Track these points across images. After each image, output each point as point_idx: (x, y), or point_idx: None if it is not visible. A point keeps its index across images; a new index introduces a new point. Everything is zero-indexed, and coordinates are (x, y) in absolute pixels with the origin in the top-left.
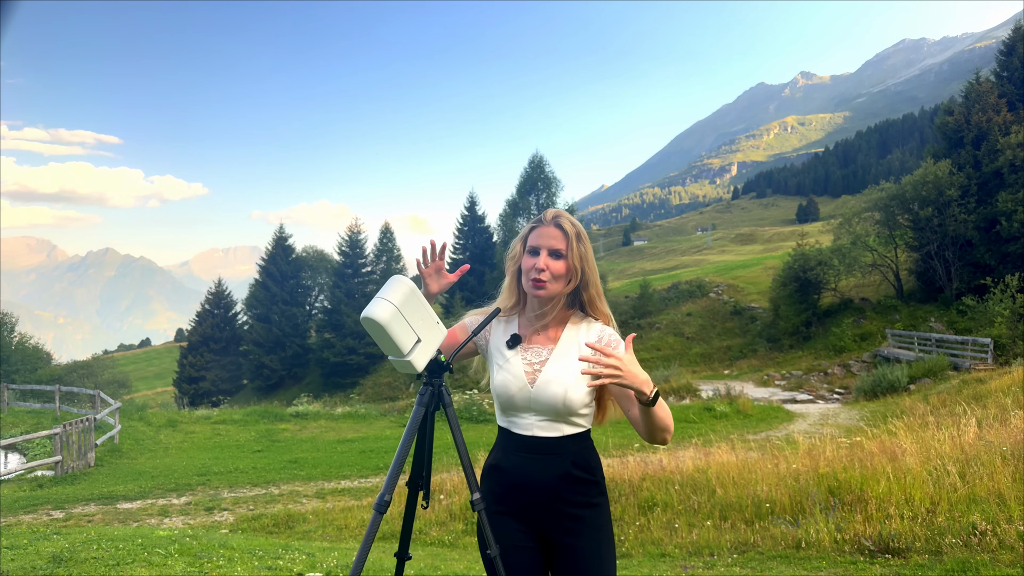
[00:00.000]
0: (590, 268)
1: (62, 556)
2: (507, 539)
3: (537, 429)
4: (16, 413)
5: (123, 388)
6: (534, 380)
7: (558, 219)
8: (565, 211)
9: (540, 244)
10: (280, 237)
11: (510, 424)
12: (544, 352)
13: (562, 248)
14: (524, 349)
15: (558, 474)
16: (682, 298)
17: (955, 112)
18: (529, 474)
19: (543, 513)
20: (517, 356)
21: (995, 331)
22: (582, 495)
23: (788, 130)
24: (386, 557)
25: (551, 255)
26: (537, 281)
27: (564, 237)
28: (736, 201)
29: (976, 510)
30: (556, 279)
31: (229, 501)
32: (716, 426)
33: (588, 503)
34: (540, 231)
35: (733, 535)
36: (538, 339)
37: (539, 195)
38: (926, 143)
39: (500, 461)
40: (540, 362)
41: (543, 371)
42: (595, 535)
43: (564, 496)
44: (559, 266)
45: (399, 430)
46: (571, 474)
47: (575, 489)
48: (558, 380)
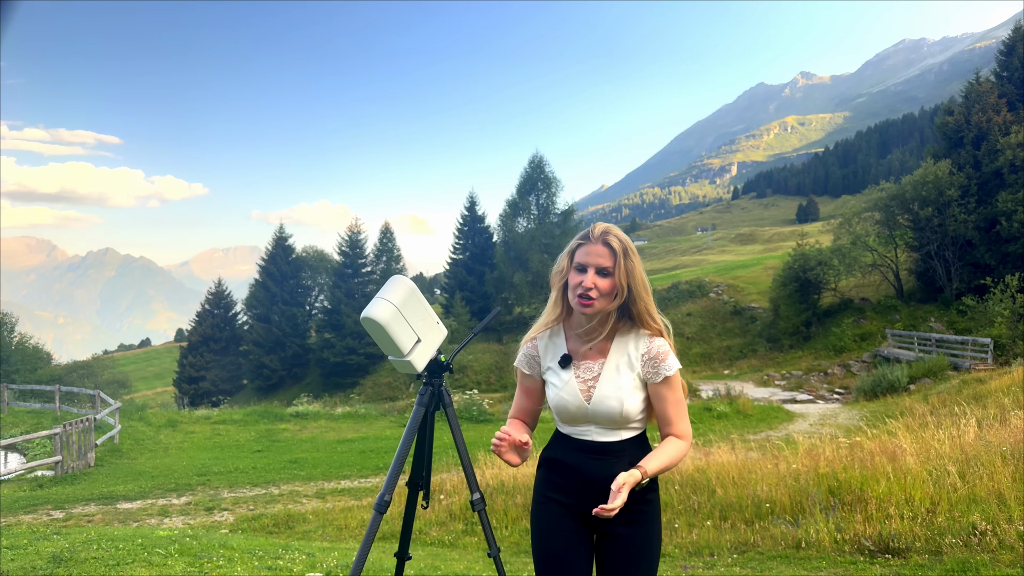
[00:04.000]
0: (637, 283)
1: (62, 556)
2: (558, 525)
3: (596, 435)
4: (16, 413)
5: (123, 388)
6: (589, 396)
7: (606, 236)
8: (614, 226)
9: (587, 262)
10: (280, 237)
11: (571, 432)
12: (596, 367)
13: (609, 266)
14: (576, 367)
15: (615, 472)
16: (682, 298)
17: (955, 112)
18: (588, 470)
19: (596, 503)
20: (571, 375)
21: (995, 331)
22: (635, 492)
23: (788, 130)
24: (386, 557)
25: (598, 273)
26: (584, 299)
27: (612, 255)
28: (736, 201)
29: (976, 510)
30: (603, 296)
31: (229, 501)
32: (716, 426)
33: (642, 498)
34: (588, 248)
35: (733, 535)
36: (589, 354)
37: (539, 195)
38: (926, 143)
39: (559, 455)
40: (593, 378)
41: (597, 387)
42: (645, 529)
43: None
44: (606, 284)
45: (399, 430)
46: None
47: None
48: (614, 395)
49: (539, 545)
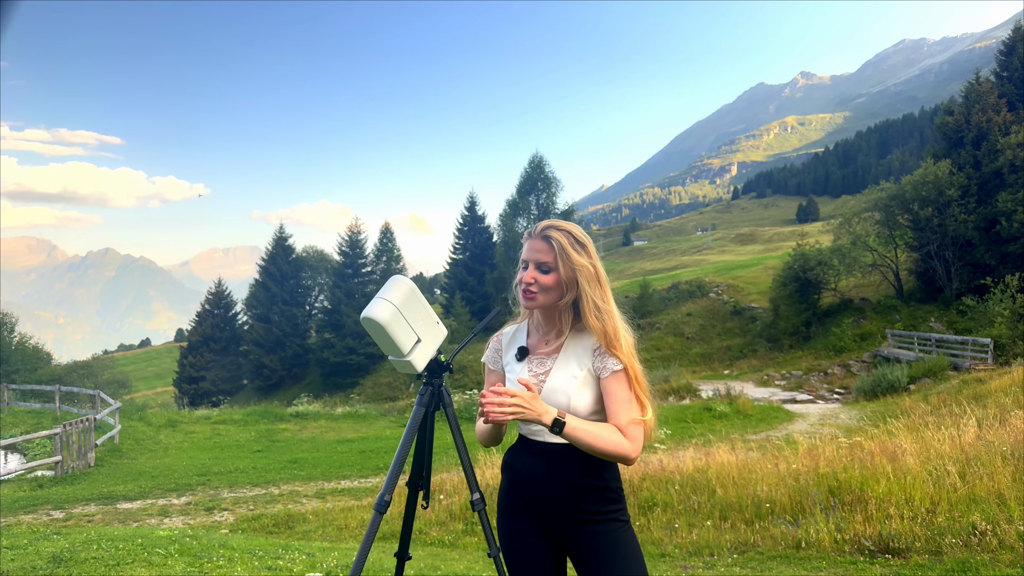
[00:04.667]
0: (582, 278)
1: (62, 556)
2: (516, 534)
3: (548, 435)
4: (16, 413)
5: (123, 388)
6: (539, 390)
7: (546, 231)
8: (561, 220)
9: (527, 258)
10: (280, 237)
11: (527, 432)
12: (548, 362)
13: (548, 261)
14: (530, 361)
15: (567, 481)
16: (682, 298)
17: (955, 112)
18: (539, 476)
19: (559, 522)
20: (524, 368)
21: (995, 331)
22: (597, 507)
23: (788, 130)
24: (386, 557)
25: (538, 268)
26: (527, 293)
27: (551, 250)
28: (736, 201)
29: (976, 510)
30: (546, 291)
31: (229, 501)
32: (716, 426)
33: (607, 518)
34: (529, 244)
35: (733, 535)
36: (543, 349)
37: (539, 195)
38: (926, 143)
39: (512, 459)
40: (544, 372)
41: (547, 381)
42: (616, 556)
43: (579, 506)
44: (548, 279)
45: (399, 430)
46: (581, 482)
47: (586, 497)
48: (562, 389)
49: (505, 552)
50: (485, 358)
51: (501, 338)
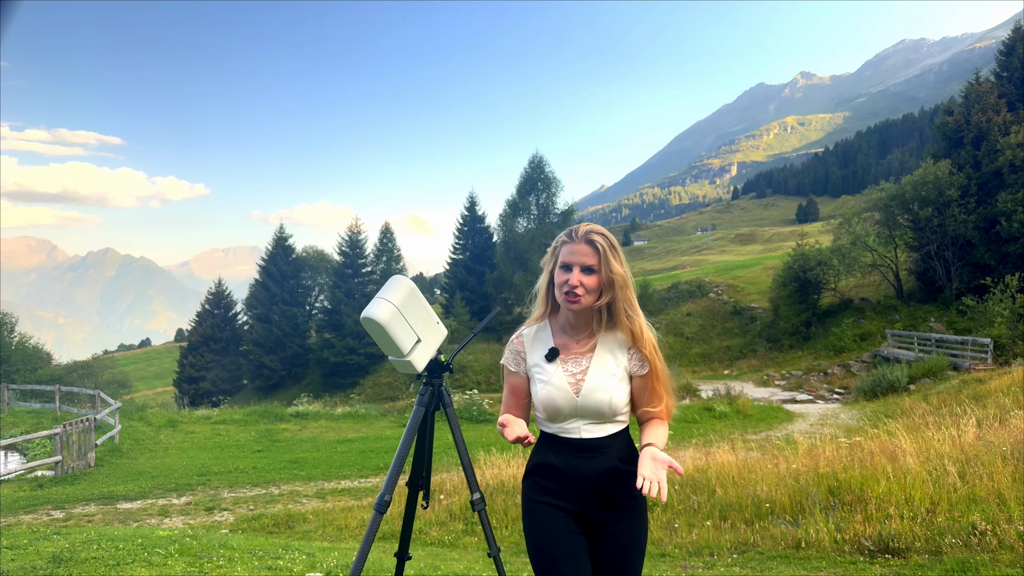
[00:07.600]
0: (618, 280)
1: (62, 556)
2: (554, 527)
3: (584, 432)
4: (16, 413)
5: (123, 388)
6: (579, 390)
7: (589, 235)
8: (595, 225)
9: (572, 261)
10: (280, 237)
11: (558, 431)
12: (584, 361)
13: (594, 264)
14: (563, 361)
15: (604, 468)
16: (682, 298)
17: (955, 112)
18: (579, 470)
19: (589, 502)
20: (558, 368)
21: (995, 331)
22: (626, 487)
23: (788, 130)
24: (386, 557)
25: (583, 271)
26: (571, 296)
27: (596, 253)
28: (736, 201)
29: (976, 510)
30: (589, 293)
31: (229, 501)
32: (716, 426)
33: (631, 494)
34: (572, 247)
35: (733, 535)
36: (576, 349)
37: (539, 195)
38: (926, 143)
39: (550, 459)
40: (582, 371)
41: (586, 380)
42: (635, 526)
43: (610, 490)
44: (592, 281)
45: (399, 430)
46: (618, 468)
47: (621, 482)
48: (602, 387)
49: (538, 550)
50: (504, 360)
51: (522, 339)
